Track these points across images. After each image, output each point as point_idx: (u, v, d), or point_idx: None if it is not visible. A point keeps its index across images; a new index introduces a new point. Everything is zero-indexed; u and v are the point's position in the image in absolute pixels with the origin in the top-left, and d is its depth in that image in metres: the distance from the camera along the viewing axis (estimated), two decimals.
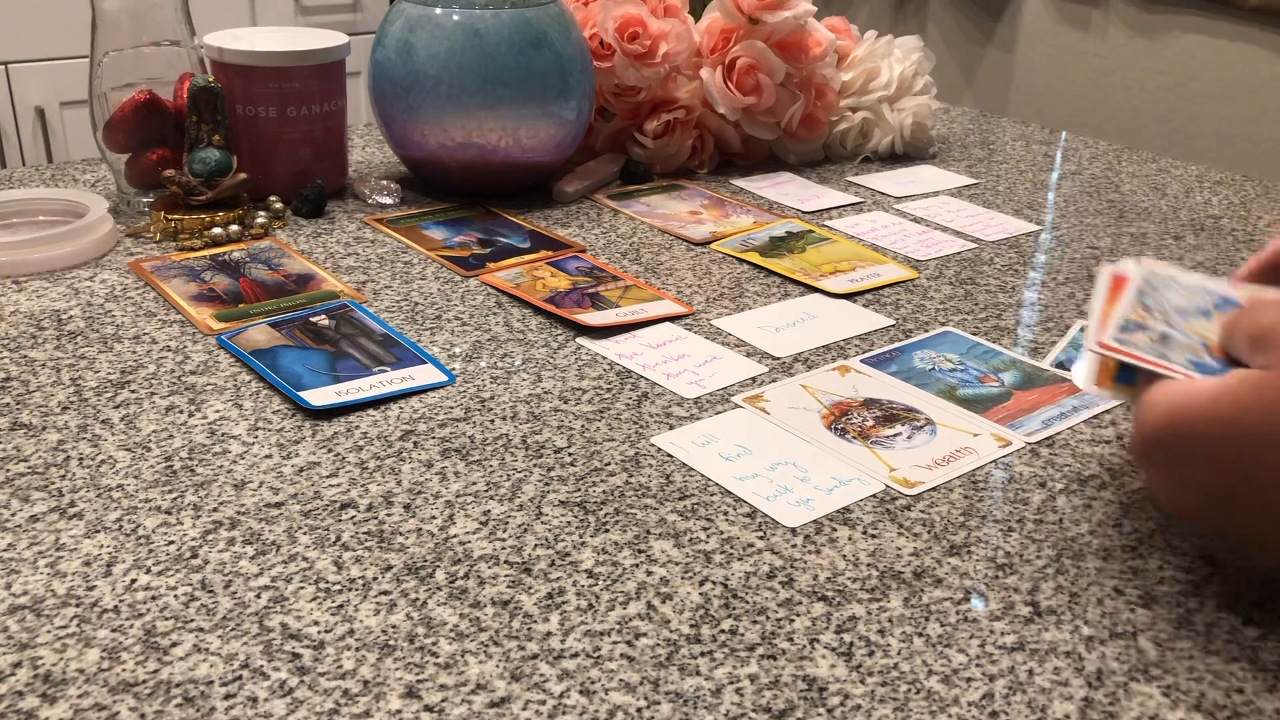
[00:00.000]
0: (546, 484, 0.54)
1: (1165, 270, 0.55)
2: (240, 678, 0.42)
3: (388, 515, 0.51)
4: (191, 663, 0.42)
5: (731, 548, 0.50)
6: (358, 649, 0.43)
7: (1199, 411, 0.44)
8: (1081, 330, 0.73)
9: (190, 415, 0.59)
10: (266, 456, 0.56)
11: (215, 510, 0.51)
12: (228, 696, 0.41)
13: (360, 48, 0.92)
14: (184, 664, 0.42)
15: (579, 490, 0.54)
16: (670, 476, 0.55)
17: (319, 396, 0.60)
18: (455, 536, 0.50)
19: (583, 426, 0.59)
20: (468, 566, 0.48)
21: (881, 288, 0.79)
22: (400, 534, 0.50)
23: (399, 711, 0.40)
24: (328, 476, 0.54)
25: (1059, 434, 0.60)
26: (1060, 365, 0.68)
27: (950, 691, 0.42)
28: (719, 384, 0.64)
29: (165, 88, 0.84)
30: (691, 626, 0.45)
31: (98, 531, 0.49)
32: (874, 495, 0.54)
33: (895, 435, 0.59)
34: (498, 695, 0.41)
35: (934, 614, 0.46)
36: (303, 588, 0.46)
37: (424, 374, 0.64)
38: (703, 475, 0.55)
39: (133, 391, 0.61)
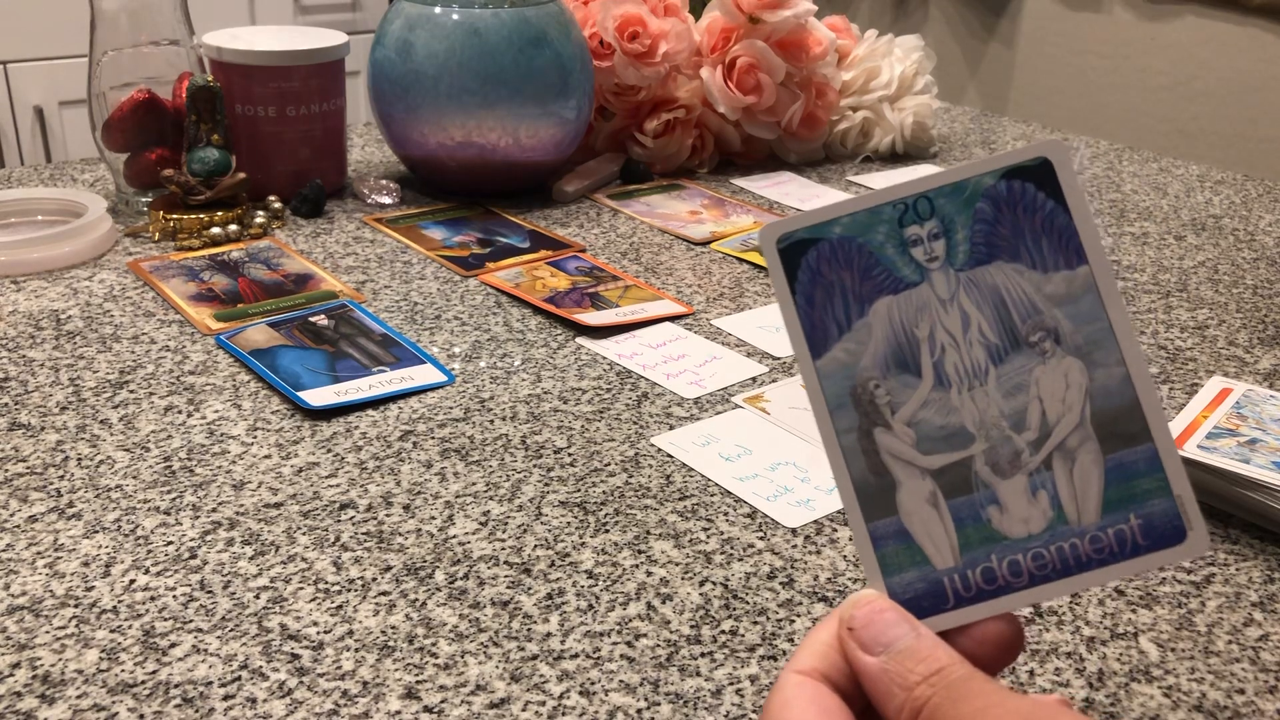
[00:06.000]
0: (546, 484, 0.54)
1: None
2: (239, 678, 0.41)
3: (387, 515, 0.51)
4: (190, 663, 0.42)
5: (731, 548, 0.50)
6: (357, 649, 0.43)
7: None
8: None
9: (189, 415, 0.59)
10: (265, 457, 0.55)
11: (214, 510, 0.51)
12: (227, 697, 0.41)
13: (360, 47, 0.92)
14: (183, 664, 0.42)
15: (579, 490, 0.54)
16: (670, 477, 0.55)
17: (318, 396, 0.60)
18: (455, 537, 0.50)
19: (583, 427, 0.59)
20: (467, 567, 0.48)
21: None
22: (400, 534, 0.50)
23: (398, 712, 0.40)
24: (327, 477, 0.54)
25: None
26: None
27: None
28: (719, 384, 0.64)
29: (164, 87, 0.84)
30: (691, 627, 0.45)
31: (96, 532, 0.49)
32: None
33: None
34: (497, 696, 0.41)
35: None
36: (302, 588, 0.46)
37: (423, 374, 0.63)
38: (703, 475, 0.55)
39: (131, 391, 0.61)
